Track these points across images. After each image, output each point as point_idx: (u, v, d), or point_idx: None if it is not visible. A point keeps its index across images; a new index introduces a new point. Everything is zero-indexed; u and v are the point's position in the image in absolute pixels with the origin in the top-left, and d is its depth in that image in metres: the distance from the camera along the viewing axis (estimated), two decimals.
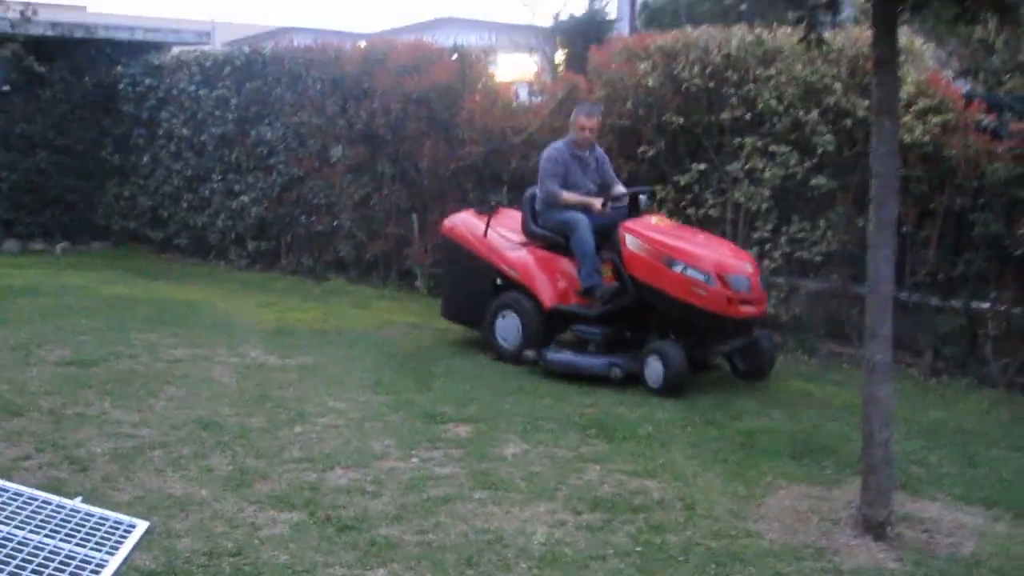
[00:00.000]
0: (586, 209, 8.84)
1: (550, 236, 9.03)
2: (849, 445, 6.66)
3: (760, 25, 10.24)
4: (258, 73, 13.83)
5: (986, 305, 8.91)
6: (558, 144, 9.16)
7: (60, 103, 15.43)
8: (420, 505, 5.57)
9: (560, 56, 18.85)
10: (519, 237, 9.28)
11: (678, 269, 8.12)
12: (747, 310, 8.16)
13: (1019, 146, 8.67)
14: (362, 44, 13.75)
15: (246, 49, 14.15)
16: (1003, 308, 8.77)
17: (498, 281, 9.26)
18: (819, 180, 9.37)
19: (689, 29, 10.66)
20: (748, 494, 5.95)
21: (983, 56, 14.05)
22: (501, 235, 9.38)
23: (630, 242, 8.41)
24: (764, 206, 9.69)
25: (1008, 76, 13.64)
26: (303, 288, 12.71)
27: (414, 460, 6.31)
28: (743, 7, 9.31)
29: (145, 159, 15.28)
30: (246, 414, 7.11)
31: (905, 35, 6.10)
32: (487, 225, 9.44)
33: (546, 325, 8.91)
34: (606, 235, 8.69)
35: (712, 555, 5.07)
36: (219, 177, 14.31)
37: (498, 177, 11.66)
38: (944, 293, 9.14)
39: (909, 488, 5.99)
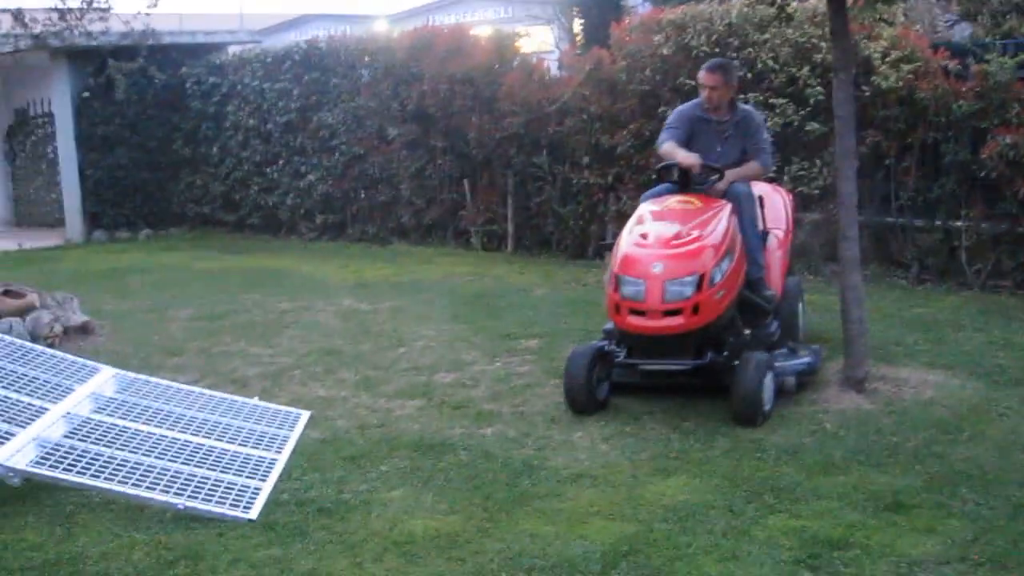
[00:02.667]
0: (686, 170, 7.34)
1: None
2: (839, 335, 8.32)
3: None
4: (316, 65, 15.56)
5: (959, 223, 10.57)
6: (687, 103, 8.05)
7: (133, 104, 17.14)
8: (509, 391, 7.32)
9: (577, 26, 20.17)
10: None
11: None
12: (634, 322, 6.73)
13: (979, 85, 10.30)
14: (394, 31, 15.44)
15: (303, 44, 15.88)
16: (973, 223, 10.43)
17: None
18: (812, 126, 10.95)
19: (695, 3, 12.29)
20: None
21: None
22: None
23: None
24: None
25: (1007, 17, 15.13)
26: (371, 252, 14.44)
27: (498, 364, 8.04)
28: None
29: (214, 149, 17.05)
30: (356, 343, 8.86)
31: None
32: None
33: None
34: None
35: None
36: (285, 161, 16.06)
37: (538, 143, 13.33)
38: (924, 214, 10.80)
39: (887, 360, 7.60)
